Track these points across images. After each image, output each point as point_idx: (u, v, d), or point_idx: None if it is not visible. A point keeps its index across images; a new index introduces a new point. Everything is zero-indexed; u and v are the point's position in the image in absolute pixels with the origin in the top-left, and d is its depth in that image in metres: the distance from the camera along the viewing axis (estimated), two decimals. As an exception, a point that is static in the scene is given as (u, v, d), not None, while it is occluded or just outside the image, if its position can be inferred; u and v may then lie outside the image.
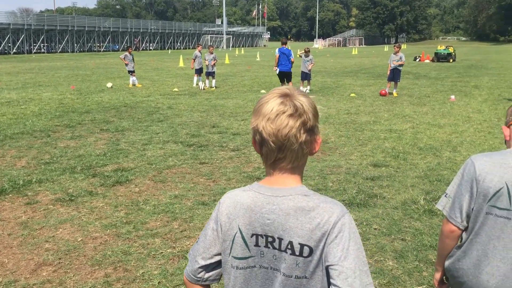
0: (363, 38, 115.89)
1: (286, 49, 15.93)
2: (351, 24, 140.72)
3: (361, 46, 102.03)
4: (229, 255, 1.43)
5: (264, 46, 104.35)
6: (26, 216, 5.21)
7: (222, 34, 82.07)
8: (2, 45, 55.52)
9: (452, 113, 12.08)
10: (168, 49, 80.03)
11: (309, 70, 16.78)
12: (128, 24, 76.95)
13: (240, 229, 1.41)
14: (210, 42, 73.46)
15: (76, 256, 4.27)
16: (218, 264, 1.49)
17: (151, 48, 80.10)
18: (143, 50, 75.50)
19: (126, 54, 18.81)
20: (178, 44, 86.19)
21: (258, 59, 41.72)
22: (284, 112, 1.31)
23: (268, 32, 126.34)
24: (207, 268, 1.50)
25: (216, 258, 1.48)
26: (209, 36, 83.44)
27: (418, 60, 38.25)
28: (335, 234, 1.32)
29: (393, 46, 17.13)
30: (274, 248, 1.37)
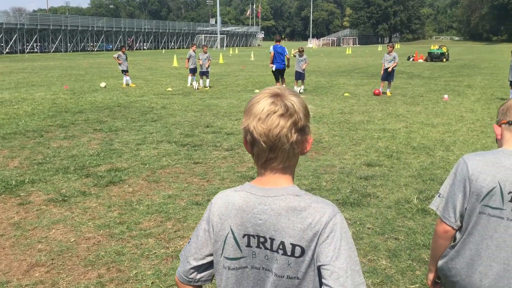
0: (357, 37, 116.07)
1: (280, 46, 16.09)
2: (345, 23, 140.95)
3: (355, 45, 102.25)
4: (221, 255, 1.43)
5: (258, 45, 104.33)
6: (19, 217, 5.18)
7: (216, 34, 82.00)
8: (-5, 44, 55.25)
9: (445, 112, 12.13)
10: (162, 48, 79.84)
11: (303, 70, 16.79)
12: (122, 24, 76.68)
13: (232, 229, 1.41)
14: (204, 42, 73.38)
15: (69, 257, 4.25)
16: (210, 265, 1.49)
17: (145, 47, 79.87)
18: (137, 49, 75.27)
19: (120, 53, 18.74)
20: (172, 43, 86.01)
21: (252, 59, 41.71)
22: (275, 112, 1.31)
23: (262, 32, 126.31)
24: (199, 269, 1.49)
25: (208, 259, 1.48)
26: (203, 35, 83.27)
27: (411, 59, 38.38)
28: (326, 234, 1.32)
29: (386, 45, 17.16)
30: (266, 248, 1.37)
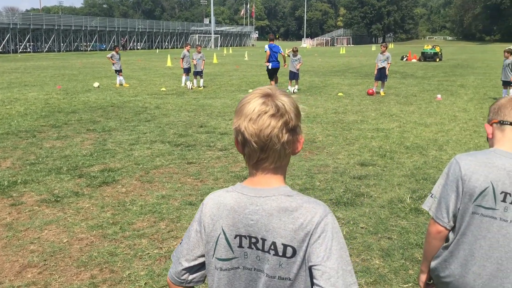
0: (350, 37, 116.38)
1: (275, 45, 16.21)
2: (338, 23, 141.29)
3: (348, 45, 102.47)
4: (212, 256, 1.43)
5: (253, 45, 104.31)
6: (11, 218, 5.15)
7: (210, 34, 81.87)
8: (-13, 44, 54.91)
9: (438, 112, 12.18)
10: (155, 48, 79.65)
11: (297, 70, 16.82)
12: (115, 23, 76.41)
13: (223, 230, 1.40)
14: (198, 42, 73.32)
15: (62, 258, 4.23)
16: (202, 266, 1.49)
17: (138, 47, 79.64)
18: (130, 49, 75.04)
19: (113, 53, 18.68)
20: (166, 43, 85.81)
21: (246, 59, 41.69)
22: (266, 112, 1.31)
23: (256, 32, 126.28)
24: (191, 270, 1.49)
25: (200, 260, 1.47)
26: (197, 35, 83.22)
27: (405, 59, 38.53)
28: (318, 234, 1.31)
29: (380, 45, 17.21)
30: (257, 249, 1.37)
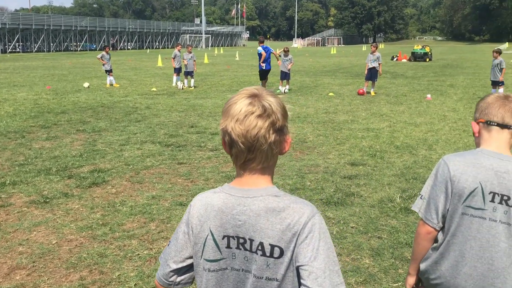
0: (341, 37, 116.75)
1: (266, 46, 16.44)
2: (329, 23, 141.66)
3: (339, 45, 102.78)
4: (201, 257, 1.42)
5: (244, 45, 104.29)
6: (-1, 219, 5.11)
7: (201, 34, 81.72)
8: (-24, 44, 54.40)
9: (428, 112, 12.25)
10: (146, 48, 79.37)
11: (288, 70, 16.84)
12: (106, 23, 76.01)
13: (211, 231, 1.40)
14: (189, 42, 73.21)
15: (51, 259, 4.20)
16: (190, 268, 1.48)
17: (129, 47, 79.31)
18: (121, 49, 74.70)
19: (103, 53, 18.59)
20: (157, 43, 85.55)
21: (237, 59, 41.67)
22: (252, 113, 1.31)
23: (247, 32, 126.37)
24: (179, 271, 1.49)
25: (188, 262, 1.47)
26: (188, 35, 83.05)
27: (395, 59, 38.72)
28: (305, 235, 1.32)
29: (370, 45, 17.28)
30: (245, 249, 1.37)
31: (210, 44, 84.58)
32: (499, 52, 14.34)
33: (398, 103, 13.81)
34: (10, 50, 58.52)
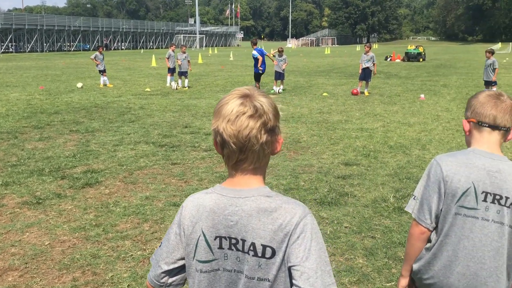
0: (335, 37, 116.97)
1: (260, 49, 16.56)
2: (323, 24, 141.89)
3: (333, 45, 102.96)
4: (193, 258, 1.42)
5: (238, 45, 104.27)
6: (-9, 220, 5.07)
7: (195, 34, 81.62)
8: (-32, 44, 54.06)
9: (421, 111, 12.29)
10: (140, 48, 79.16)
11: (282, 70, 16.85)
12: (99, 23, 75.76)
13: (203, 232, 1.40)
14: (183, 42, 73.07)
15: (43, 260, 4.17)
16: (182, 269, 1.48)
17: (123, 47, 79.08)
18: (114, 49, 74.46)
19: (97, 54, 18.53)
20: (151, 43, 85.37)
21: (231, 59, 41.65)
22: (244, 113, 1.31)
23: (242, 32, 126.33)
24: (170, 273, 1.48)
25: (180, 263, 1.46)
26: (182, 35, 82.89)
27: (389, 59, 38.83)
28: (297, 235, 1.32)
29: (364, 46, 17.33)
30: (237, 250, 1.37)
31: (204, 44, 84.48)
32: (492, 52, 14.42)
33: (391, 103, 13.85)
34: (3, 51, 58.20)
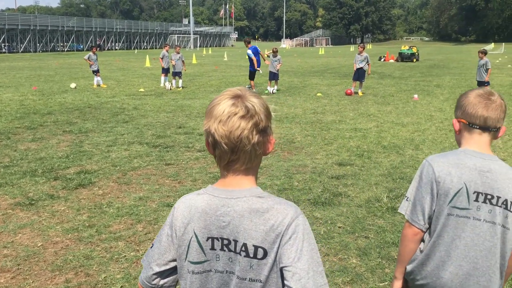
0: (329, 38, 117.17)
1: (255, 47, 16.88)
2: (317, 24, 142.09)
3: (327, 46, 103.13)
4: (185, 260, 1.41)
5: (232, 46, 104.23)
6: (-16, 222, 5.04)
7: (189, 34, 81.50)
8: (-40, 44, 53.67)
9: (415, 112, 12.34)
10: (134, 49, 78.95)
11: (277, 70, 16.86)
12: (93, 24, 75.51)
13: (195, 233, 1.39)
14: (177, 42, 72.85)
15: (36, 262, 4.15)
16: (174, 271, 1.47)
17: (116, 48, 78.84)
18: (108, 50, 74.21)
19: (90, 54, 18.47)
20: (145, 43, 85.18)
21: (225, 59, 41.62)
22: (235, 114, 1.30)
23: (236, 32, 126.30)
24: (162, 274, 1.47)
25: (171, 265, 1.46)
26: (176, 36, 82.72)
27: (382, 60, 38.95)
28: (289, 236, 1.31)
29: (357, 46, 17.39)
30: (229, 250, 1.36)
31: (198, 45, 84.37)
32: (484, 52, 14.49)
33: (385, 103, 13.89)
34: (-5, 51, 57.89)
